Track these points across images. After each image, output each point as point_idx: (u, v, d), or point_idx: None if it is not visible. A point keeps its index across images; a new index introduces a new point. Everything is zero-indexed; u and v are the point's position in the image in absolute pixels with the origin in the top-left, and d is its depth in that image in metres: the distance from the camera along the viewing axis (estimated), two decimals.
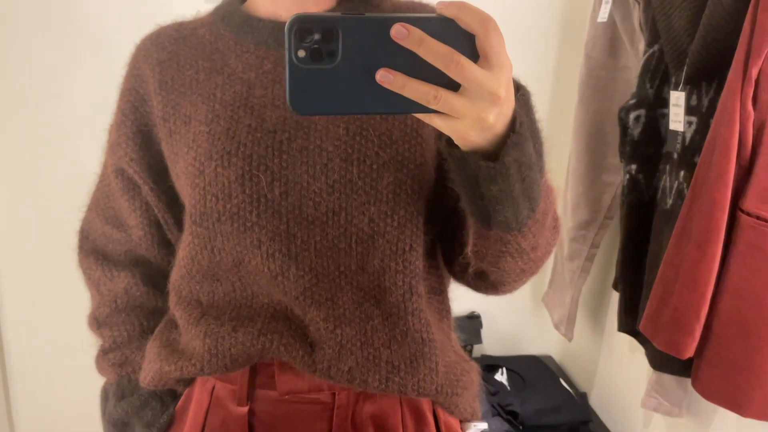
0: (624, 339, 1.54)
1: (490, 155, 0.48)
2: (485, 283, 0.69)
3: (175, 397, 0.76)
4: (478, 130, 0.46)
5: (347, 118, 0.63)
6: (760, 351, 1.00)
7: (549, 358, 1.98)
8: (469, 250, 0.61)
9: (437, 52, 0.42)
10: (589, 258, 1.65)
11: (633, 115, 1.29)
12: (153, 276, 0.80)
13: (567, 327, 1.71)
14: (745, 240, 0.98)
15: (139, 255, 0.79)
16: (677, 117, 1.16)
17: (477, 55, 0.43)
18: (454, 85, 0.44)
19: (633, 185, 1.32)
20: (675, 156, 1.18)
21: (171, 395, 0.77)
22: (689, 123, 1.14)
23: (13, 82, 1.54)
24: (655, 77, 1.25)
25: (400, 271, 0.64)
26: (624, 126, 1.32)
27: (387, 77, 0.43)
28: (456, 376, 0.71)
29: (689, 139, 1.14)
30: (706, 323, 1.04)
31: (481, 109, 0.44)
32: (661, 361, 1.23)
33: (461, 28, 0.43)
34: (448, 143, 0.50)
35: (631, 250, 1.36)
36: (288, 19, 0.43)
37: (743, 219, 0.98)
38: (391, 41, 0.42)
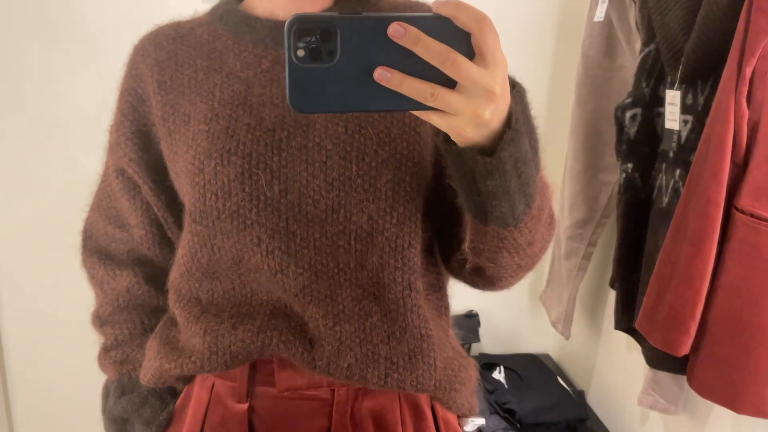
0: (621, 337, 1.54)
1: (486, 151, 0.49)
2: (482, 279, 0.69)
3: (175, 395, 0.77)
4: (474, 126, 0.46)
5: (346, 116, 0.64)
6: (754, 348, 1.00)
7: (547, 356, 1.98)
8: (467, 246, 0.62)
9: (434, 50, 0.43)
10: (586, 256, 1.65)
11: (629, 114, 1.29)
12: (155, 275, 0.80)
13: (564, 325, 1.71)
14: (740, 237, 0.98)
15: (141, 254, 0.79)
16: (673, 116, 1.17)
17: (473, 53, 0.44)
18: (450, 83, 0.44)
19: (629, 184, 1.32)
20: (671, 154, 1.19)
21: (171, 393, 0.77)
22: (685, 122, 1.14)
23: (11, 82, 1.54)
24: (651, 76, 1.25)
25: (399, 268, 0.65)
26: (620, 125, 1.32)
27: (385, 75, 0.44)
28: (454, 371, 0.71)
29: (685, 138, 1.14)
30: (701, 321, 1.04)
31: (477, 106, 0.45)
32: (658, 359, 1.23)
33: (457, 26, 0.44)
34: (445, 140, 0.51)
35: (628, 248, 1.35)
36: (287, 19, 0.43)
37: (738, 217, 0.98)
38: (389, 40, 0.43)
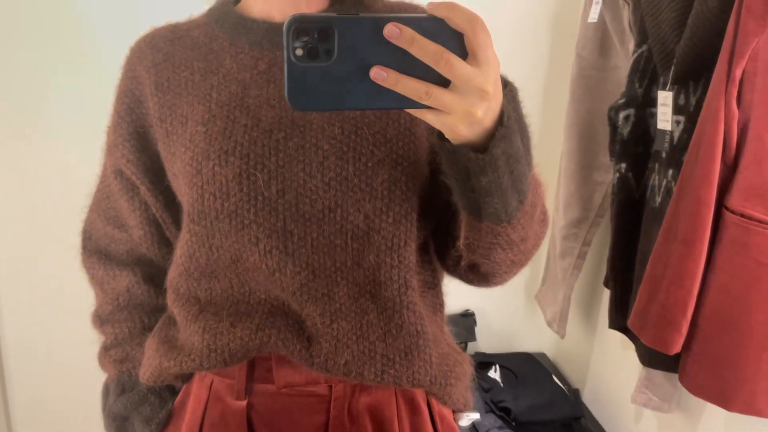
0: (616, 336, 1.54)
1: (479, 148, 0.50)
2: (477, 276, 0.70)
3: (174, 393, 0.77)
4: (467, 124, 0.48)
5: (342, 117, 0.64)
6: (745, 346, 1.01)
7: (542, 355, 1.99)
8: (461, 242, 0.63)
9: (428, 50, 0.45)
10: (581, 256, 1.65)
11: (622, 115, 1.29)
12: (154, 274, 0.81)
13: (559, 324, 1.71)
14: (730, 237, 0.98)
15: (141, 254, 0.80)
16: (665, 116, 1.17)
17: (466, 53, 0.46)
18: (444, 82, 0.46)
19: (623, 184, 1.32)
20: (663, 155, 1.19)
21: (170, 391, 0.77)
22: (677, 122, 1.14)
23: (8, 82, 1.53)
24: (644, 77, 1.25)
25: (395, 266, 0.65)
26: (614, 125, 1.32)
27: (380, 74, 0.45)
28: (449, 367, 0.72)
29: (677, 138, 1.15)
30: (692, 319, 1.04)
31: (470, 104, 0.46)
32: (651, 358, 1.24)
33: (451, 27, 0.45)
34: (439, 137, 0.52)
35: (622, 247, 1.36)
36: (286, 20, 0.45)
37: (728, 216, 0.98)
38: (385, 40, 0.45)
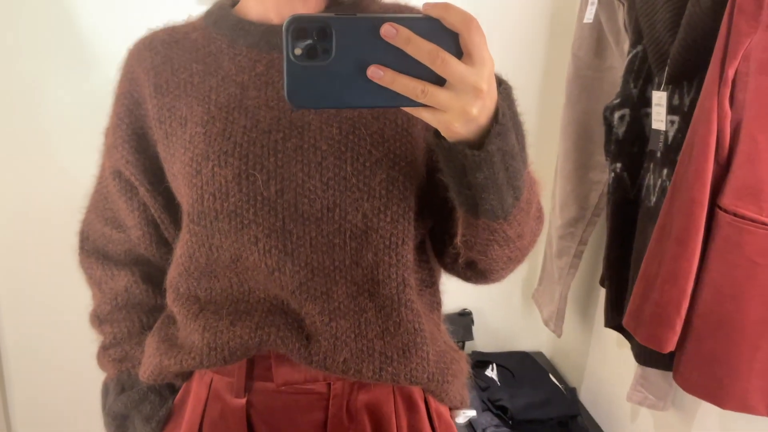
0: (612, 334, 1.55)
1: (475, 145, 0.51)
2: (475, 273, 0.71)
3: (174, 391, 0.78)
4: (462, 121, 0.49)
5: (340, 117, 0.65)
6: (737, 344, 1.01)
7: (540, 354, 2.00)
8: (459, 240, 0.64)
9: (424, 49, 0.46)
10: (578, 255, 1.66)
11: (618, 115, 1.30)
12: (152, 274, 0.81)
13: (556, 323, 1.72)
14: (723, 236, 0.99)
15: (139, 254, 0.80)
16: (659, 116, 1.18)
17: (461, 52, 0.47)
18: (440, 80, 0.47)
19: (618, 183, 1.33)
20: (658, 154, 1.20)
21: (170, 389, 0.78)
22: (671, 122, 1.15)
23: (3, 83, 1.53)
24: (639, 77, 1.26)
25: (393, 265, 0.66)
26: (609, 125, 1.33)
27: (377, 73, 0.46)
28: (446, 364, 0.73)
29: (671, 138, 1.15)
30: (686, 318, 1.05)
31: (465, 102, 0.47)
32: (646, 356, 1.25)
33: (446, 27, 0.46)
34: (436, 135, 0.53)
35: (617, 246, 1.36)
36: (284, 21, 0.46)
37: (721, 216, 0.99)
38: (381, 40, 0.46)
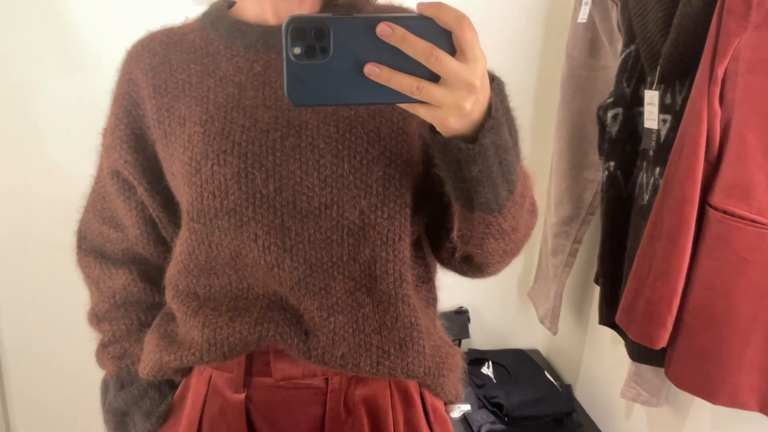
0: (607, 332, 1.55)
1: (469, 140, 0.53)
2: (471, 267, 0.72)
3: (173, 387, 0.79)
4: (456, 117, 0.50)
5: (337, 116, 0.66)
6: (728, 340, 1.03)
7: (536, 351, 2.01)
8: (455, 234, 0.65)
9: (418, 47, 0.47)
10: (572, 253, 1.67)
11: (611, 114, 1.31)
12: (150, 272, 0.82)
13: (551, 321, 1.73)
14: (713, 233, 1.00)
15: (136, 253, 0.81)
16: (652, 115, 1.19)
17: (454, 50, 0.49)
18: (434, 77, 0.49)
19: (612, 182, 1.34)
20: (651, 153, 1.21)
21: (169, 385, 0.79)
22: (664, 121, 1.16)
23: (1, 83, 1.54)
24: (632, 77, 1.27)
25: (390, 260, 0.67)
26: (602, 124, 1.34)
27: (374, 71, 0.48)
28: (441, 358, 0.74)
29: (664, 137, 1.16)
30: (677, 314, 1.06)
31: (459, 98, 0.49)
32: (639, 353, 1.25)
33: (439, 25, 0.48)
34: (431, 131, 0.54)
35: (611, 244, 1.37)
36: (284, 21, 0.48)
37: (711, 213, 1.00)
38: (378, 39, 0.48)
